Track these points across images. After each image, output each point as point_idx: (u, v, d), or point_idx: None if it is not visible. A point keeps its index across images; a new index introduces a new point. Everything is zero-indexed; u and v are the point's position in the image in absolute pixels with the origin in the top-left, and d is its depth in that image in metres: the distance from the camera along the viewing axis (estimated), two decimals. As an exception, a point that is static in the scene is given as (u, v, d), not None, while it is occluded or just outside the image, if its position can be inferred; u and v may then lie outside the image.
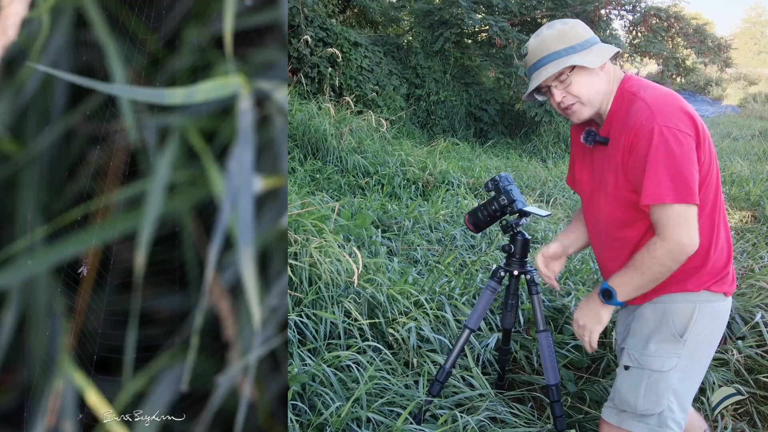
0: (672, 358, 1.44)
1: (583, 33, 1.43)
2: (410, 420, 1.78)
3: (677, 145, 1.29)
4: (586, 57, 1.39)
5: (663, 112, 1.32)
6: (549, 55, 1.42)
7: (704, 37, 9.37)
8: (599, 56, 1.41)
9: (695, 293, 1.43)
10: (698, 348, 1.45)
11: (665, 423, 1.45)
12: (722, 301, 1.46)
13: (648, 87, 1.41)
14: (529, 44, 1.47)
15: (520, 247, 1.82)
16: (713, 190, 1.41)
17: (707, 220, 1.40)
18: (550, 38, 1.43)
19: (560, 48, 1.41)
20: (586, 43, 1.42)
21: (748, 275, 2.96)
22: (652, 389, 1.45)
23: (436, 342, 2.23)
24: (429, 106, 8.37)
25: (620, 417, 1.51)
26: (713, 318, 1.45)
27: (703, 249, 1.40)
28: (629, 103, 1.40)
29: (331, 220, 2.93)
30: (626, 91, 1.42)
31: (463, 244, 3.60)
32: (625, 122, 1.38)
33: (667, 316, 1.45)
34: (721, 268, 1.45)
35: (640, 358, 1.47)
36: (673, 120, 1.31)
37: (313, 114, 5.37)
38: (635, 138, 1.33)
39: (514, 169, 6.18)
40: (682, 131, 1.30)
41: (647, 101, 1.35)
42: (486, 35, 8.75)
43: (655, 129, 1.30)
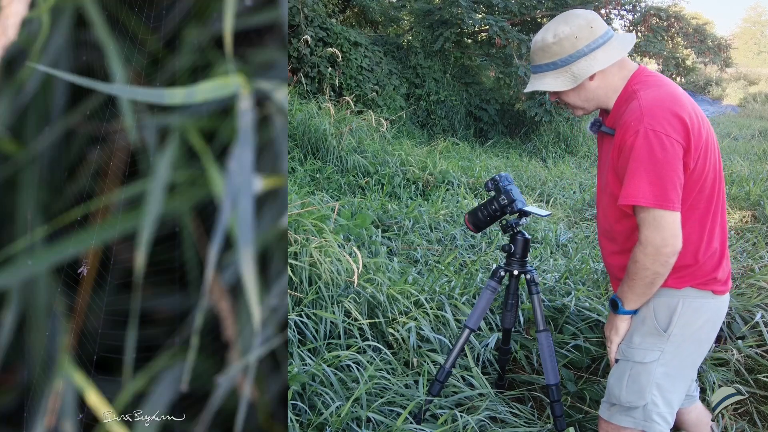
0: (654, 351, 1.45)
1: (573, 43, 1.41)
2: (410, 420, 1.78)
3: (661, 150, 1.29)
4: (564, 76, 1.43)
5: (653, 114, 1.31)
6: (534, 66, 1.48)
7: (704, 36, 9.36)
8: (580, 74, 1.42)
9: (678, 290, 1.43)
10: (684, 344, 1.45)
11: (650, 417, 1.47)
12: (711, 299, 1.45)
13: (651, 86, 1.40)
14: (532, 43, 1.49)
15: (520, 247, 1.82)
16: (707, 195, 1.40)
17: (696, 225, 1.40)
18: (536, 51, 1.47)
19: (542, 63, 1.45)
20: (575, 54, 1.41)
21: (748, 275, 2.96)
22: (634, 381, 1.47)
23: (436, 342, 2.23)
24: (429, 105, 8.36)
25: (610, 411, 1.54)
26: (700, 314, 1.45)
27: (692, 251, 1.40)
28: (629, 99, 1.41)
29: (331, 220, 2.94)
30: (630, 88, 1.43)
31: (463, 244, 3.61)
32: (619, 120, 1.40)
33: (650, 310, 1.46)
34: (711, 270, 1.44)
35: (625, 350, 1.50)
36: (662, 123, 1.30)
37: (313, 114, 5.37)
38: (624, 137, 1.34)
39: (514, 169, 6.18)
40: (669, 136, 1.29)
41: (641, 102, 1.35)
42: (486, 35, 8.74)
43: (640, 130, 1.30)
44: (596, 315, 2.45)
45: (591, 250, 3.48)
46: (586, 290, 2.71)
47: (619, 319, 1.50)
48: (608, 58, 1.41)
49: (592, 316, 2.46)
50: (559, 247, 3.72)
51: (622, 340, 1.51)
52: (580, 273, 3.01)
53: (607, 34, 1.42)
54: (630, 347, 1.48)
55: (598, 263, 3.14)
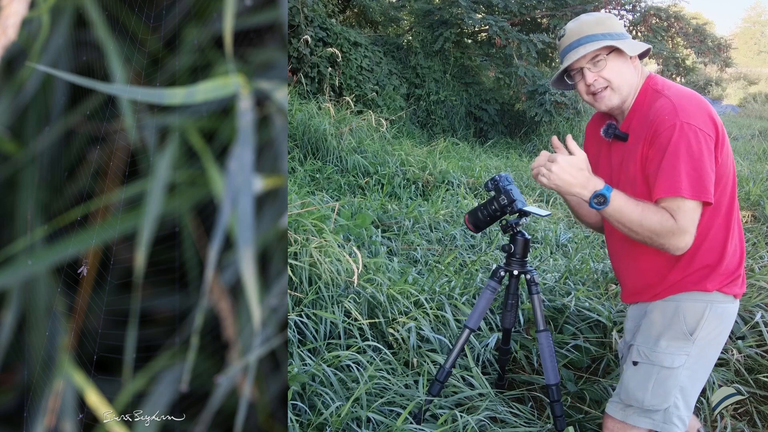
0: (681, 355, 1.45)
1: (620, 26, 1.48)
2: (410, 420, 1.78)
3: (696, 143, 1.31)
4: (623, 44, 1.44)
5: (686, 110, 1.35)
6: (587, 36, 1.45)
7: (704, 36, 9.36)
8: (634, 48, 1.45)
9: (709, 293, 1.44)
10: (706, 348, 1.47)
11: (670, 419, 1.47)
12: (731, 303, 1.48)
13: (672, 86, 1.44)
14: (568, 26, 1.50)
15: (520, 247, 1.82)
16: (729, 191, 1.43)
17: (723, 220, 1.43)
18: (590, 23, 1.48)
19: (598, 32, 1.45)
20: (622, 35, 1.46)
21: (748, 275, 2.96)
22: (660, 385, 1.47)
23: (436, 342, 2.23)
24: (429, 105, 8.36)
25: (626, 412, 1.52)
26: (722, 320, 1.47)
27: (719, 248, 1.43)
28: (652, 99, 1.42)
29: (331, 220, 2.93)
30: (650, 88, 1.45)
31: (463, 244, 3.61)
32: (648, 116, 1.40)
33: (679, 314, 1.46)
34: (735, 268, 1.46)
35: (650, 354, 1.49)
36: (695, 118, 1.33)
37: (313, 114, 5.37)
38: (657, 131, 1.36)
39: (514, 169, 6.18)
40: (703, 130, 1.33)
41: (671, 98, 1.38)
42: (486, 35, 8.74)
43: (677, 124, 1.32)
44: (596, 315, 2.45)
45: (591, 250, 3.48)
46: (586, 290, 2.71)
47: (580, 186, 1.35)
48: (641, 46, 1.46)
49: (592, 316, 2.46)
50: (559, 247, 3.72)
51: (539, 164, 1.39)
52: (580, 273, 3.01)
53: None
54: (655, 351, 1.48)
55: (598, 263, 3.14)
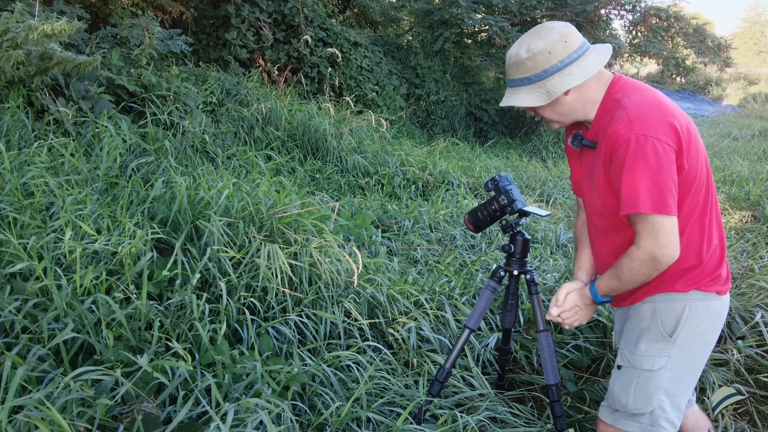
0: (662, 357, 1.44)
1: (561, 51, 1.37)
2: (410, 420, 1.78)
3: (654, 155, 1.28)
4: (552, 84, 1.39)
5: (642, 120, 1.30)
6: (511, 80, 1.46)
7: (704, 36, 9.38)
8: (571, 78, 1.38)
9: (684, 293, 1.43)
10: (690, 347, 1.45)
11: (657, 422, 1.47)
12: (715, 300, 1.46)
13: (633, 92, 1.38)
14: (507, 56, 1.47)
15: (520, 247, 1.82)
16: (703, 193, 1.41)
17: (696, 224, 1.41)
18: (511, 66, 1.44)
19: (517, 77, 1.43)
20: (552, 68, 1.38)
21: (748, 275, 2.96)
22: (642, 388, 1.46)
23: (436, 342, 2.23)
24: (429, 106, 8.36)
25: (615, 416, 1.53)
26: (706, 316, 1.45)
27: (695, 251, 1.41)
28: (613, 110, 1.38)
29: (331, 220, 2.93)
30: (611, 97, 1.41)
31: (463, 244, 3.60)
32: (607, 129, 1.37)
33: (656, 316, 1.46)
34: (714, 268, 1.45)
35: (630, 357, 1.49)
36: (653, 129, 1.29)
37: (313, 114, 5.37)
38: (614, 147, 1.33)
39: (514, 169, 6.18)
40: (661, 140, 1.28)
41: (628, 110, 1.33)
42: (486, 35, 8.75)
43: (631, 138, 1.29)
44: (596, 315, 2.46)
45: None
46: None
47: (588, 306, 1.60)
48: (583, 74, 1.38)
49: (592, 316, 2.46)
50: (559, 247, 3.72)
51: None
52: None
53: (582, 47, 1.39)
54: (635, 354, 1.47)
55: (598, 263, 3.14)
